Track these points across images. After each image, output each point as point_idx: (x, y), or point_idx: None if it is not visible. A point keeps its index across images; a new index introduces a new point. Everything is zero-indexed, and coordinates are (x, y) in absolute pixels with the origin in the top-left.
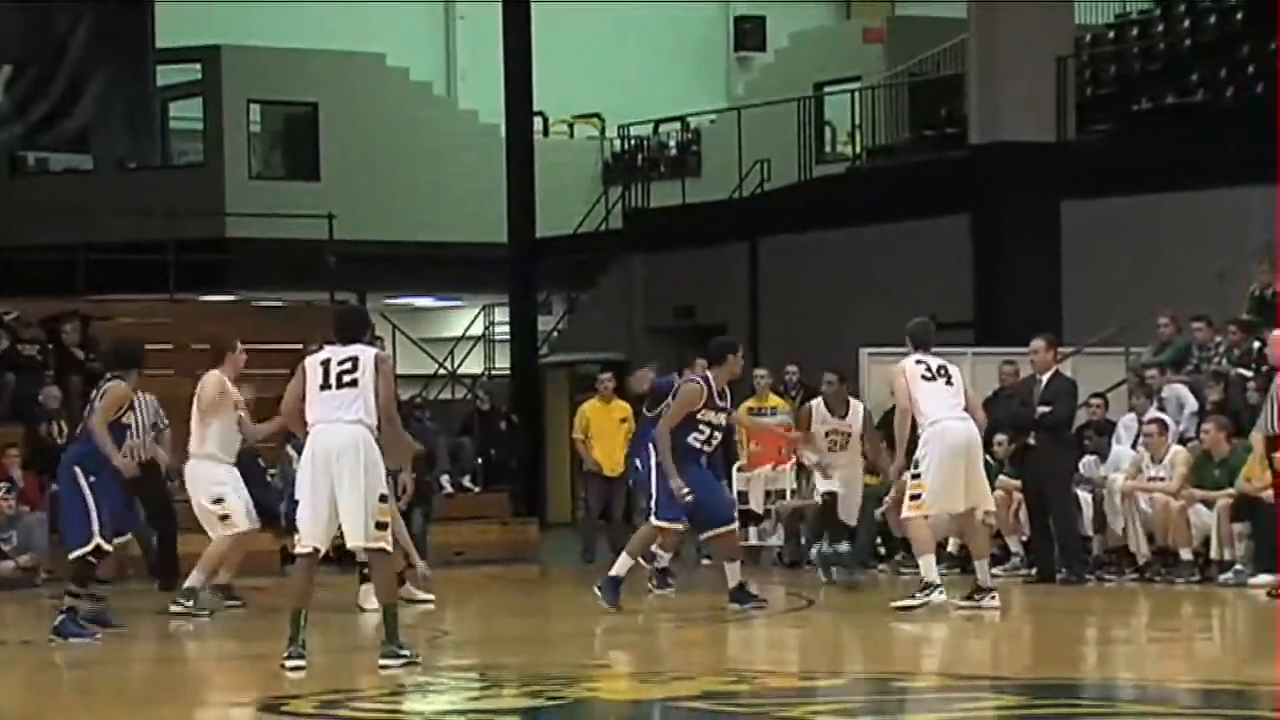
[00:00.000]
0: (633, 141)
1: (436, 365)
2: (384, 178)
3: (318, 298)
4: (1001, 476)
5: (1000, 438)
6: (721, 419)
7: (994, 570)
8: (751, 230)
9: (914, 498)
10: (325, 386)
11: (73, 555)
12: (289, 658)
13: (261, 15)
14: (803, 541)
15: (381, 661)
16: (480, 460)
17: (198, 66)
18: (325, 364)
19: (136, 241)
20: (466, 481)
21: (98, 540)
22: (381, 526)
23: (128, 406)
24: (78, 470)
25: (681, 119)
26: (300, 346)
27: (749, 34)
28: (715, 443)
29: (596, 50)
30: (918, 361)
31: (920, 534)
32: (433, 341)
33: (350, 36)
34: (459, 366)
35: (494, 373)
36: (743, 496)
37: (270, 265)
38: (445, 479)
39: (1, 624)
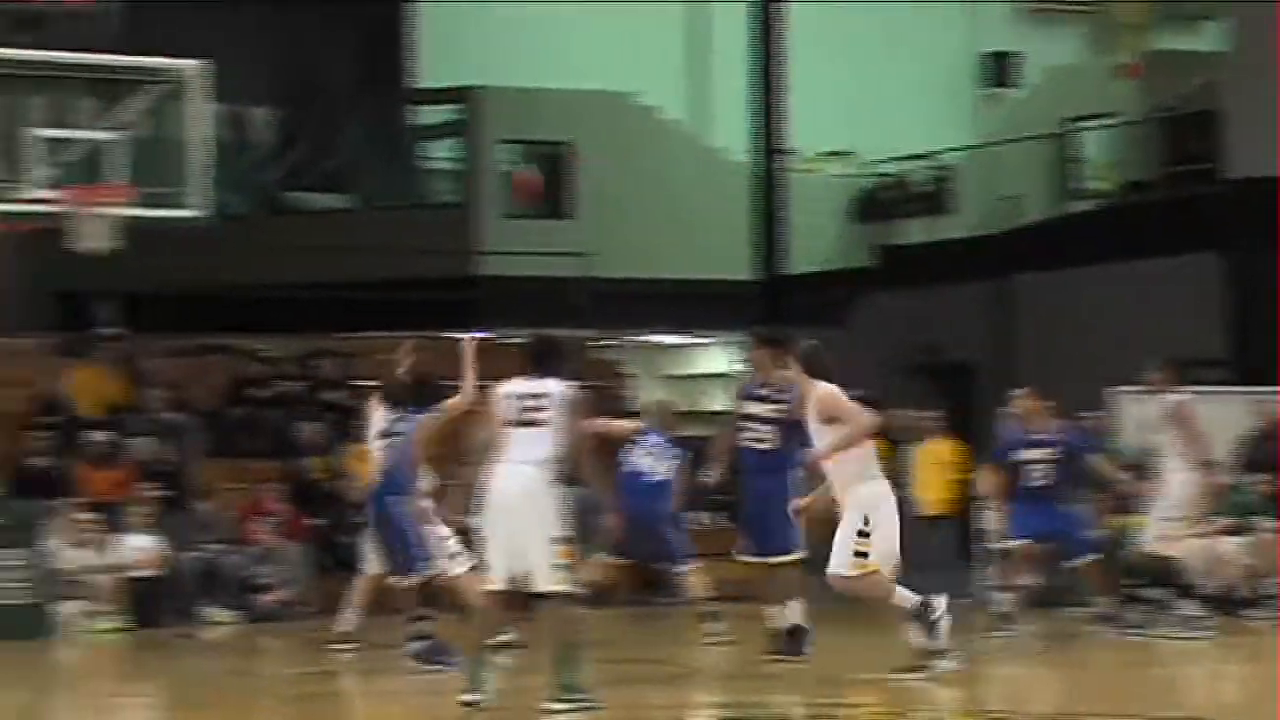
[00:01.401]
0: (883, 178)
1: (686, 403)
2: (635, 215)
3: (569, 335)
4: (1257, 517)
5: (1263, 477)
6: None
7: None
8: (1002, 267)
9: (861, 555)
10: (513, 423)
11: (404, 584)
12: (465, 691)
13: (516, 56)
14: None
15: (548, 706)
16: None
17: (454, 106)
18: (514, 398)
19: (390, 279)
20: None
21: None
22: (562, 569)
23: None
24: (389, 501)
25: (932, 155)
26: None
27: (1000, 69)
28: None
29: (848, 86)
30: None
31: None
32: (679, 379)
33: (603, 76)
34: (707, 404)
35: None
36: None
37: (521, 303)
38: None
39: (258, 657)
